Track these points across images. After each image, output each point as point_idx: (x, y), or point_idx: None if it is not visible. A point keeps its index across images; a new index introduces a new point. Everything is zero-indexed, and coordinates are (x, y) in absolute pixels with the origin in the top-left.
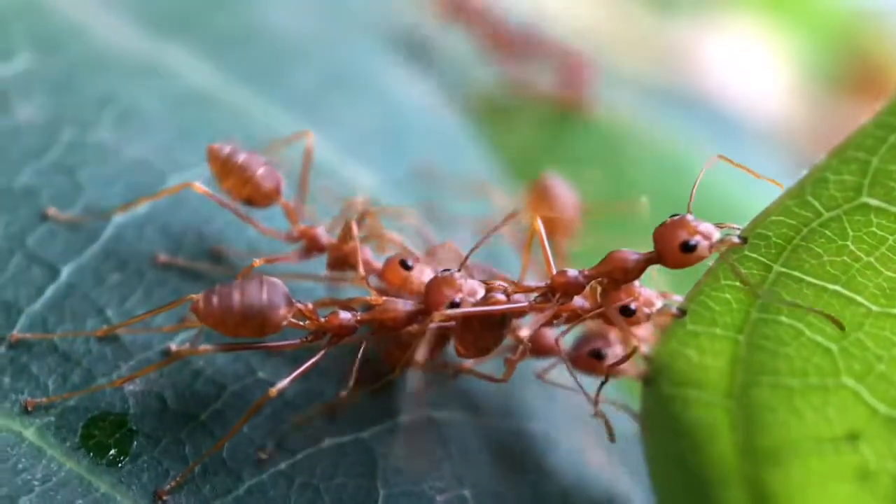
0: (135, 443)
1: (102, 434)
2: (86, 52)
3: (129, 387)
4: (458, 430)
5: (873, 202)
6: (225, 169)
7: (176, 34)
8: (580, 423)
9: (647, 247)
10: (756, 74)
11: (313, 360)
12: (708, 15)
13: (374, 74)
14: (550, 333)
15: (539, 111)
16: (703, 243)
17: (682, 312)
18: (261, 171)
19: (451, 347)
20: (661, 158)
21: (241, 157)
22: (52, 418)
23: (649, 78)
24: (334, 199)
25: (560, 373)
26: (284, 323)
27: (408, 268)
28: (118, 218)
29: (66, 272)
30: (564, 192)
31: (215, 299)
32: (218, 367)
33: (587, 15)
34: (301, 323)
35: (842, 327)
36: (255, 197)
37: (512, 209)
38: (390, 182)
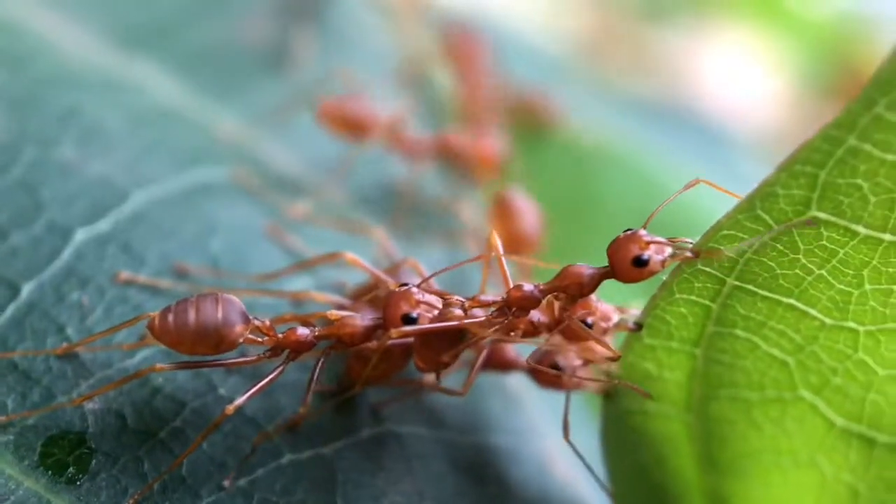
0: (94, 461)
1: (61, 452)
2: (51, 68)
3: (89, 405)
4: (421, 444)
5: (822, 216)
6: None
7: (144, 49)
8: (545, 434)
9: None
10: (747, 83)
11: (270, 376)
12: (699, 25)
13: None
14: (510, 348)
15: (510, 128)
16: (656, 258)
17: (639, 326)
18: None
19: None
20: (633, 175)
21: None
22: (11, 437)
23: (639, 88)
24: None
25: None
26: (241, 340)
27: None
28: (79, 235)
29: (26, 290)
30: (525, 206)
31: (171, 317)
32: (178, 384)
33: (577, 26)
34: (259, 339)
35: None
36: None
37: (475, 224)
38: (359, 197)
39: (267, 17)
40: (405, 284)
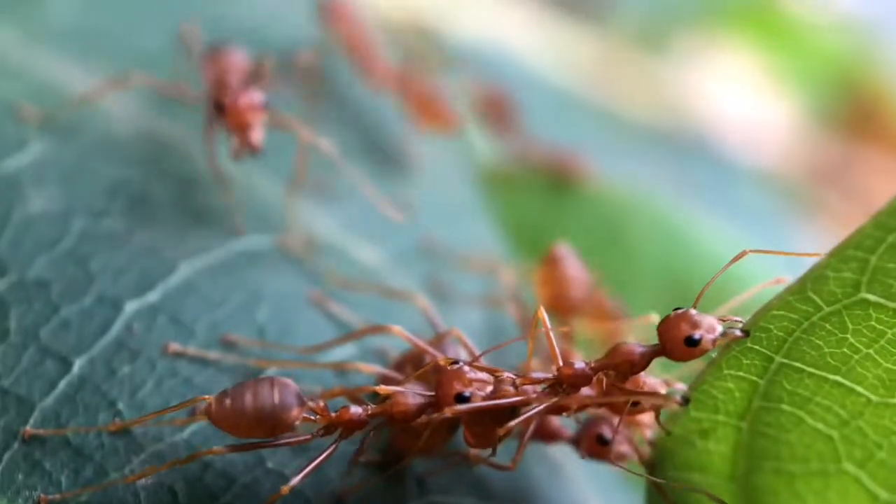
0: None
1: None
2: (98, 137)
3: (141, 481)
4: None
5: (872, 297)
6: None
7: (183, 112)
8: (589, 496)
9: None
10: (755, 114)
11: (325, 454)
12: (705, 53)
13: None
14: (556, 420)
15: (540, 183)
16: (707, 337)
17: (686, 400)
18: None
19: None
20: (661, 230)
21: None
22: None
23: (647, 121)
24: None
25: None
26: (297, 423)
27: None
28: (129, 307)
29: (77, 365)
30: (574, 268)
31: (228, 402)
32: (228, 458)
33: (585, 60)
34: (312, 418)
35: None
36: None
37: (519, 288)
38: (396, 258)
39: None
40: (456, 362)
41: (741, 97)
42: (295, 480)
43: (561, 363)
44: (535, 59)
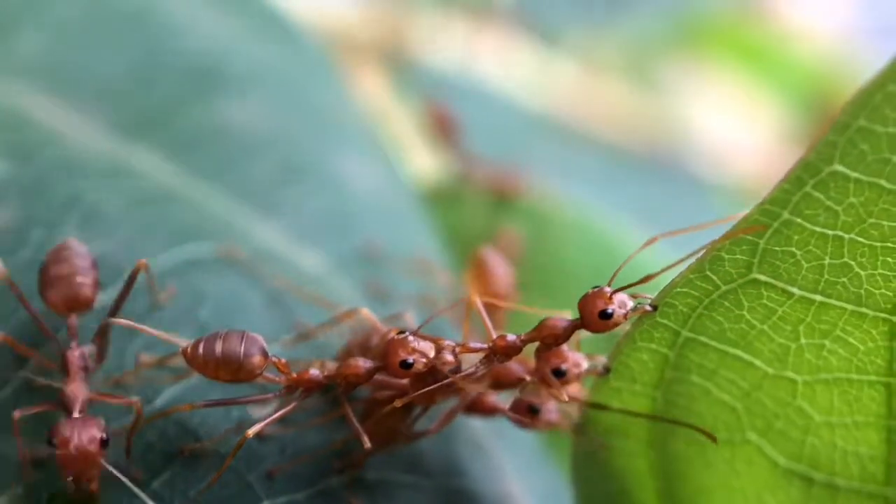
0: None
1: None
2: (57, 157)
3: None
4: (390, 489)
5: (762, 278)
6: None
7: (143, 136)
8: (506, 478)
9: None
10: (731, 134)
11: (286, 408)
12: (684, 79)
13: (329, 163)
14: (492, 394)
15: (480, 198)
16: (619, 311)
17: (607, 371)
18: None
19: None
20: (591, 237)
21: None
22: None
23: (622, 142)
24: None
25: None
26: (259, 371)
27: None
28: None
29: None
30: (500, 267)
31: (201, 345)
32: (170, 439)
33: (563, 86)
34: (276, 378)
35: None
36: None
37: (454, 288)
38: (336, 263)
39: None
40: (403, 331)
41: (718, 118)
42: (256, 427)
43: (494, 336)
44: (510, 84)
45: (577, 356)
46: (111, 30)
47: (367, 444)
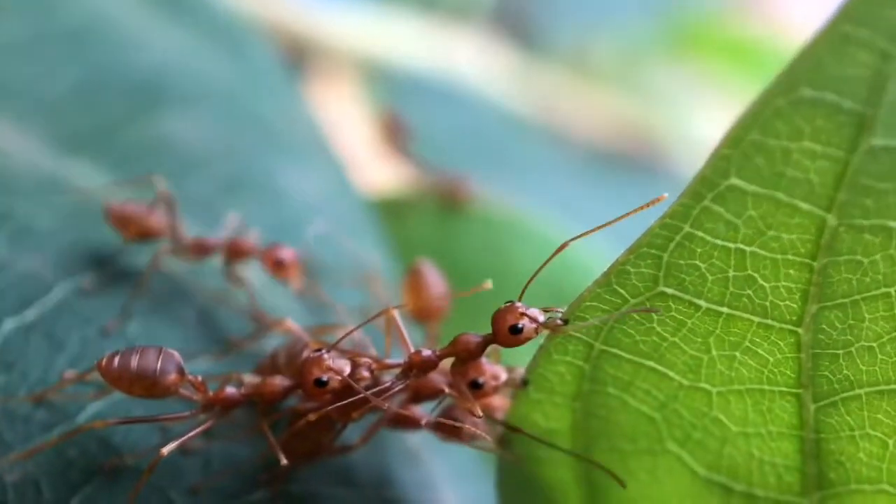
0: None
1: None
2: None
3: (9, 478)
4: (321, 503)
5: (669, 290)
6: None
7: (85, 151)
8: (439, 487)
9: None
10: (715, 135)
11: (202, 427)
12: (667, 81)
13: (273, 175)
14: (415, 408)
15: (431, 206)
16: (530, 326)
17: (525, 383)
18: None
19: None
20: (539, 246)
21: None
22: None
23: (602, 144)
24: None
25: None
26: (174, 389)
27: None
28: (8, 324)
29: None
30: (434, 279)
31: (116, 359)
32: (90, 456)
33: (543, 89)
34: (193, 396)
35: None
36: None
37: (387, 299)
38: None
39: None
40: (320, 349)
41: (707, 119)
42: (172, 445)
43: (412, 350)
44: (492, 88)
45: (495, 368)
46: (56, 47)
47: (284, 460)
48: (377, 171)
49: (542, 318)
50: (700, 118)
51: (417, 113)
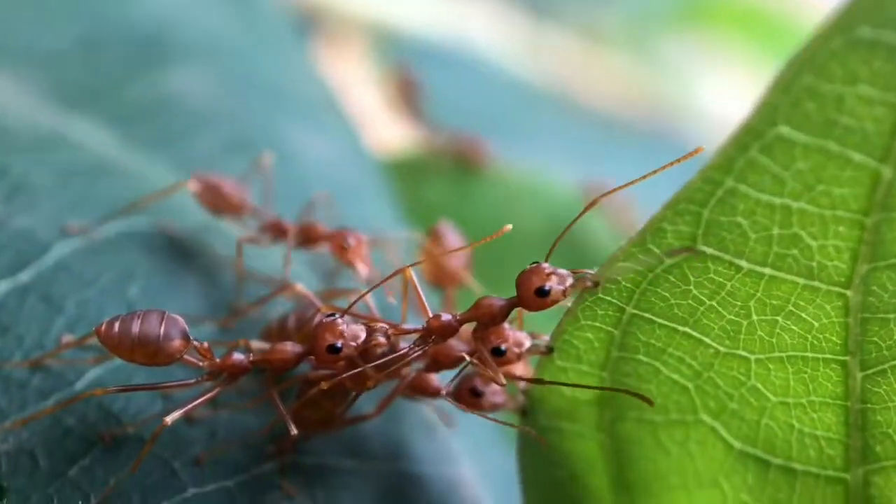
0: (5, 500)
1: None
2: None
3: (3, 447)
4: (326, 474)
5: (708, 250)
6: None
7: (85, 107)
8: (456, 461)
9: None
10: (736, 107)
11: (208, 395)
12: (687, 52)
13: (280, 134)
14: (433, 377)
15: (445, 168)
16: (557, 288)
17: (550, 350)
18: None
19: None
20: (550, 206)
21: None
22: None
23: (619, 113)
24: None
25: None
26: (178, 356)
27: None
28: (2, 286)
29: None
30: (454, 241)
31: (117, 325)
32: (90, 425)
33: (562, 60)
34: (198, 362)
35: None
36: None
37: (400, 263)
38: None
39: None
40: (333, 314)
41: (720, 90)
42: (176, 414)
43: (430, 315)
44: (501, 55)
45: (518, 335)
46: (57, 1)
47: (294, 430)
48: (389, 134)
49: (570, 279)
50: (710, 87)
51: (429, 80)
